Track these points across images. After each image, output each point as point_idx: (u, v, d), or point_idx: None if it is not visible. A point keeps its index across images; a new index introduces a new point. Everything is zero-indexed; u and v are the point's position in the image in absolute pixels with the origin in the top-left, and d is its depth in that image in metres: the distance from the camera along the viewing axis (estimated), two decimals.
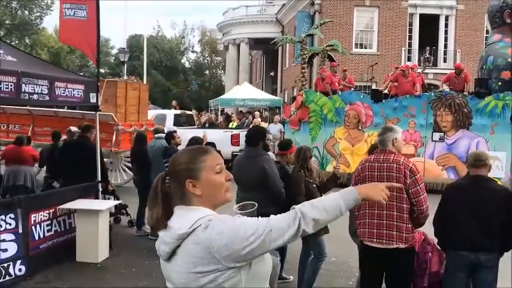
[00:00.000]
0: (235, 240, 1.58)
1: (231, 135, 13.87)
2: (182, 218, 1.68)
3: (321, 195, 5.20)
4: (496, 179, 5.61)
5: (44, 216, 5.99)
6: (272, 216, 1.66)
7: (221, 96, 24.29)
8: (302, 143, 8.88)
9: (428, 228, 4.04)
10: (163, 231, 1.70)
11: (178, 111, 17.77)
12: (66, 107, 11.23)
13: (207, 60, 49.29)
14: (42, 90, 5.72)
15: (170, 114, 16.48)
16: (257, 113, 19.89)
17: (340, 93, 12.79)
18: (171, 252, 1.67)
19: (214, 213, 1.72)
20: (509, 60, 10.89)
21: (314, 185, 5.08)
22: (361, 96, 12.55)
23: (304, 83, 15.67)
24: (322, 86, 13.16)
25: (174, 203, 1.74)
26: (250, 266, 1.65)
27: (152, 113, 15.90)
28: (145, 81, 22.70)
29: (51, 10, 38.66)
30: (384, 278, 3.90)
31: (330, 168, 11.77)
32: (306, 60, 17.02)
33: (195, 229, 1.63)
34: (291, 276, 5.47)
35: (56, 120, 11.49)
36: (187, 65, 50.08)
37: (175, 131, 7.77)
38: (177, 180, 1.73)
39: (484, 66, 11.54)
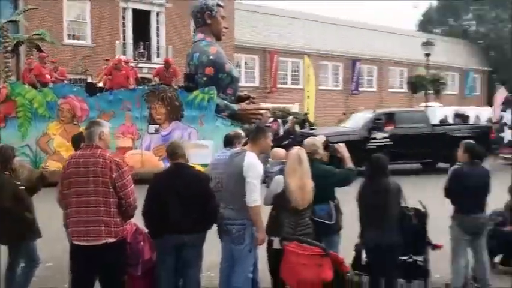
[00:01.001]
0: None
1: None
2: None
3: (30, 196, 4.90)
4: (199, 165, 6.25)
5: None
6: None
7: None
8: (10, 141, 7.98)
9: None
10: None
11: None
12: None
13: None
14: None
15: None
16: None
17: (51, 85, 12.04)
18: None
19: None
20: (211, 57, 12.06)
21: (23, 187, 4.86)
22: (75, 89, 12.02)
23: (9, 73, 14.24)
24: (30, 78, 12.19)
25: None
26: None
27: None
28: None
29: None
30: (98, 275, 3.86)
31: None
32: (10, 49, 15.50)
33: None
34: None
35: None
36: None
37: None
38: None
39: (191, 63, 12.37)
